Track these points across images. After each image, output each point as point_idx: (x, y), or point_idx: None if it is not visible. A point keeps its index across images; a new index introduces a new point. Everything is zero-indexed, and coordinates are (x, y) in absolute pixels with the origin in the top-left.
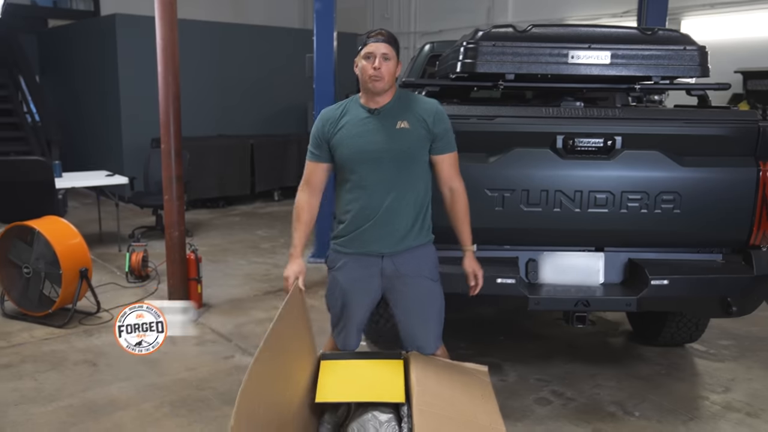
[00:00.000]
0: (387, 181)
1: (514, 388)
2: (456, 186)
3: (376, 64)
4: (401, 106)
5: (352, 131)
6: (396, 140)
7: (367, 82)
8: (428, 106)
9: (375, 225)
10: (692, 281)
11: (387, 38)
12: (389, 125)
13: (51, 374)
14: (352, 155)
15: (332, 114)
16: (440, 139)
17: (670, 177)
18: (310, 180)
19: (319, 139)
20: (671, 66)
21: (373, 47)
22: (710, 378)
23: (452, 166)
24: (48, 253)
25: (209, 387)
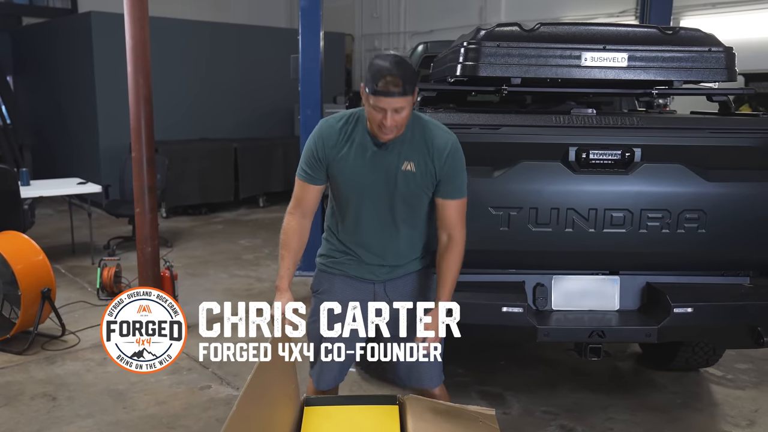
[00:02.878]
0: (384, 219)
1: (518, 423)
2: (456, 235)
3: (388, 122)
4: (412, 140)
5: (354, 165)
6: (399, 183)
7: (374, 129)
8: (441, 142)
9: (368, 255)
10: (719, 308)
11: (402, 89)
12: (394, 164)
13: (3, 411)
14: (350, 190)
15: (334, 136)
16: (448, 182)
17: (695, 193)
18: (302, 203)
19: (315, 160)
20: (695, 69)
21: (383, 102)
22: (731, 408)
23: (457, 213)
24: (5, 272)
25: (181, 425)
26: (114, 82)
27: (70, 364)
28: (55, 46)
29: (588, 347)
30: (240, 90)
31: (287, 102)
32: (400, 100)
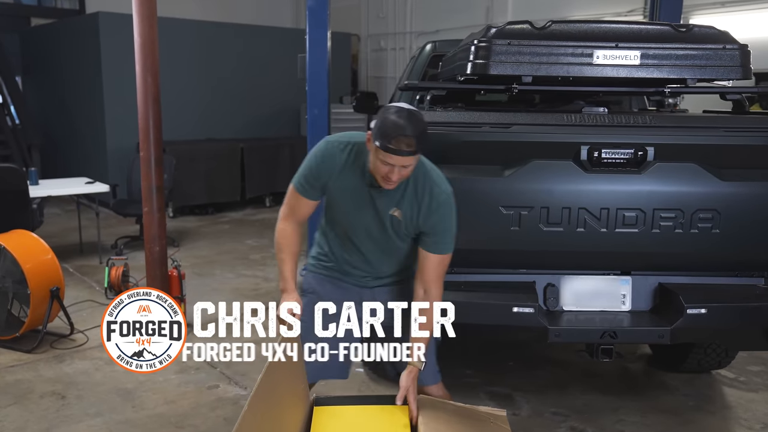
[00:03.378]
0: (370, 245)
1: (528, 425)
2: (432, 291)
3: (394, 177)
4: (406, 190)
5: (347, 196)
6: (386, 224)
7: (376, 176)
8: (435, 197)
9: (354, 270)
10: (733, 310)
11: (414, 150)
12: (384, 207)
13: (12, 410)
14: (341, 215)
15: (336, 162)
16: (432, 236)
17: (709, 192)
18: (296, 212)
19: (315, 179)
20: (709, 67)
21: (393, 160)
22: (744, 412)
23: (436, 268)
24: (15, 271)
25: (189, 425)
26: (121, 82)
27: (78, 362)
28: (63, 46)
29: (599, 348)
30: (246, 90)
31: (294, 102)
32: (409, 159)
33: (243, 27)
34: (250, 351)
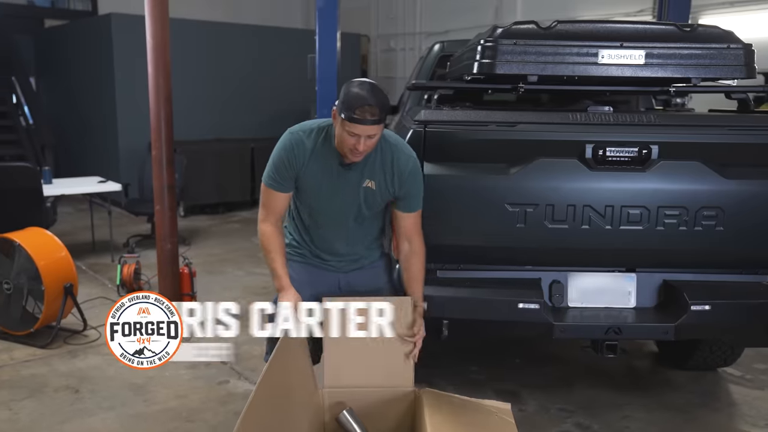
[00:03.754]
0: (341, 226)
1: (534, 420)
2: (416, 242)
3: (360, 147)
4: (374, 160)
5: (319, 179)
6: (359, 198)
7: (343, 150)
8: (402, 165)
9: (328, 253)
10: (737, 307)
11: (378, 118)
12: (356, 181)
13: (28, 403)
14: (312, 201)
15: (302, 147)
16: (406, 198)
17: (713, 190)
18: (272, 210)
19: (285, 170)
20: (713, 66)
21: (359, 130)
22: (750, 409)
23: (415, 223)
24: (30, 268)
25: (200, 419)
26: (133, 82)
27: (91, 358)
28: (76, 47)
29: (604, 344)
30: (257, 90)
31: (304, 102)
32: (374, 128)
33: (253, 28)
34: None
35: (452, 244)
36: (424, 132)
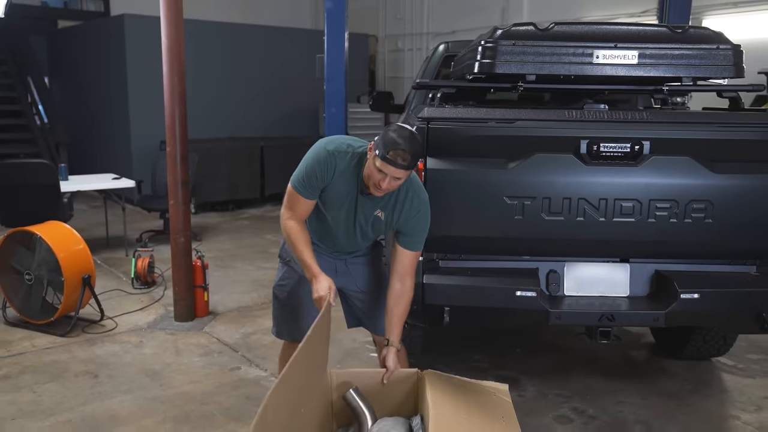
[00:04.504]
0: (348, 238)
1: (532, 405)
2: (407, 284)
3: (385, 186)
4: (393, 195)
5: (340, 200)
6: (368, 224)
7: (368, 184)
8: (416, 204)
9: (333, 246)
10: (725, 295)
11: (407, 165)
12: (369, 210)
13: (50, 386)
14: (327, 215)
15: (335, 167)
16: (410, 236)
17: (702, 184)
18: (298, 212)
19: (315, 181)
20: (703, 66)
21: (389, 170)
22: (740, 395)
23: (411, 262)
24: (50, 260)
25: (214, 402)
26: (145, 82)
27: (109, 345)
28: (89, 48)
29: (598, 331)
30: (266, 90)
31: (312, 101)
32: (402, 172)
33: (263, 28)
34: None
35: (454, 235)
36: (427, 128)
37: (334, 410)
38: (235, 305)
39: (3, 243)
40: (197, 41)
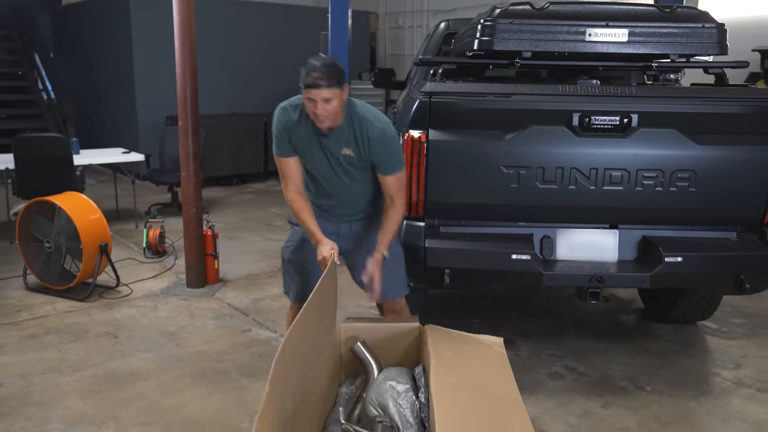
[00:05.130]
0: (335, 184)
1: (526, 363)
2: (396, 200)
3: (319, 111)
4: (349, 130)
5: (304, 149)
6: (342, 163)
7: (313, 118)
8: (369, 133)
9: (333, 205)
10: (706, 258)
11: (327, 82)
12: (336, 150)
13: (74, 345)
14: (306, 165)
15: (290, 117)
16: (382, 163)
17: (686, 155)
18: (289, 177)
19: (282, 137)
20: (689, 44)
21: (312, 94)
22: (722, 355)
23: (394, 185)
24: (69, 228)
25: (228, 359)
26: (151, 58)
27: (126, 309)
28: (95, 24)
29: (588, 292)
30: (269, 66)
31: None
32: (326, 92)
33: (266, 5)
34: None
35: (454, 202)
36: (429, 102)
37: (343, 362)
38: (244, 273)
39: (23, 213)
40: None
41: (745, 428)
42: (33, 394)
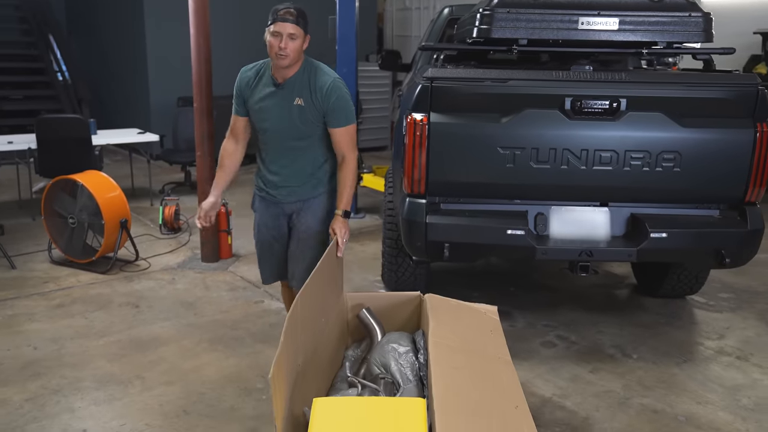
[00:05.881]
0: (285, 149)
1: (522, 333)
2: (348, 156)
3: (282, 45)
4: (303, 80)
5: (258, 103)
6: (292, 117)
7: (273, 57)
8: (322, 82)
9: (277, 181)
10: (689, 234)
11: (295, 18)
12: (288, 101)
13: (99, 314)
14: (256, 124)
15: (249, 75)
16: (330, 114)
17: (672, 137)
18: (234, 130)
19: (238, 96)
20: (676, 32)
21: (280, 27)
22: (707, 326)
23: (343, 139)
24: (91, 205)
25: (242, 327)
26: (163, 40)
27: (145, 282)
28: (107, 5)
29: (578, 265)
30: None
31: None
32: (292, 27)
33: None
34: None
35: (453, 181)
36: (431, 87)
37: (350, 328)
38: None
39: (48, 190)
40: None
41: (722, 392)
42: (64, 357)
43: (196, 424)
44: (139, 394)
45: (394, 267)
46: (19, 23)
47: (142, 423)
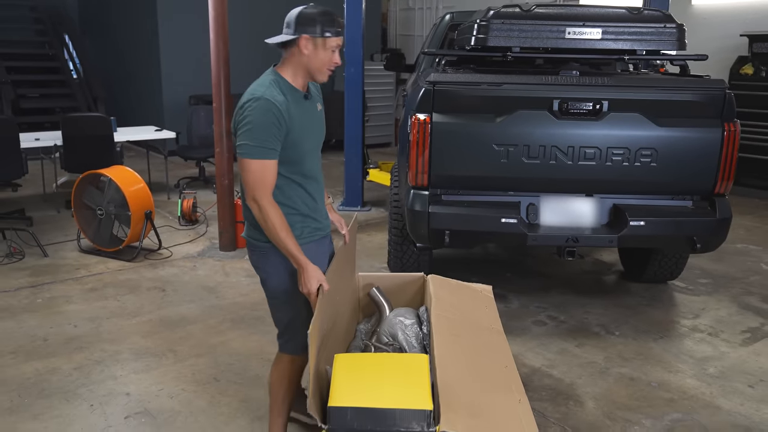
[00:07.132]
0: (318, 168)
1: (515, 313)
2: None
3: (337, 59)
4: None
5: (301, 120)
6: (322, 125)
7: (319, 71)
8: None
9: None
10: (664, 222)
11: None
12: (316, 108)
13: (130, 297)
14: (303, 144)
15: (281, 99)
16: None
17: (649, 135)
18: (270, 183)
19: (278, 131)
20: (653, 41)
21: (339, 42)
22: (684, 308)
23: None
24: (118, 197)
25: (262, 309)
26: (176, 40)
27: (168, 269)
28: (120, 5)
29: (565, 250)
30: None
31: None
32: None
33: None
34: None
35: (453, 174)
36: (433, 90)
37: (361, 305)
38: None
39: (77, 184)
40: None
41: (692, 362)
42: (102, 334)
43: (226, 388)
44: (172, 365)
45: (399, 254)
46: (34, 23)
47: (178, 388)
